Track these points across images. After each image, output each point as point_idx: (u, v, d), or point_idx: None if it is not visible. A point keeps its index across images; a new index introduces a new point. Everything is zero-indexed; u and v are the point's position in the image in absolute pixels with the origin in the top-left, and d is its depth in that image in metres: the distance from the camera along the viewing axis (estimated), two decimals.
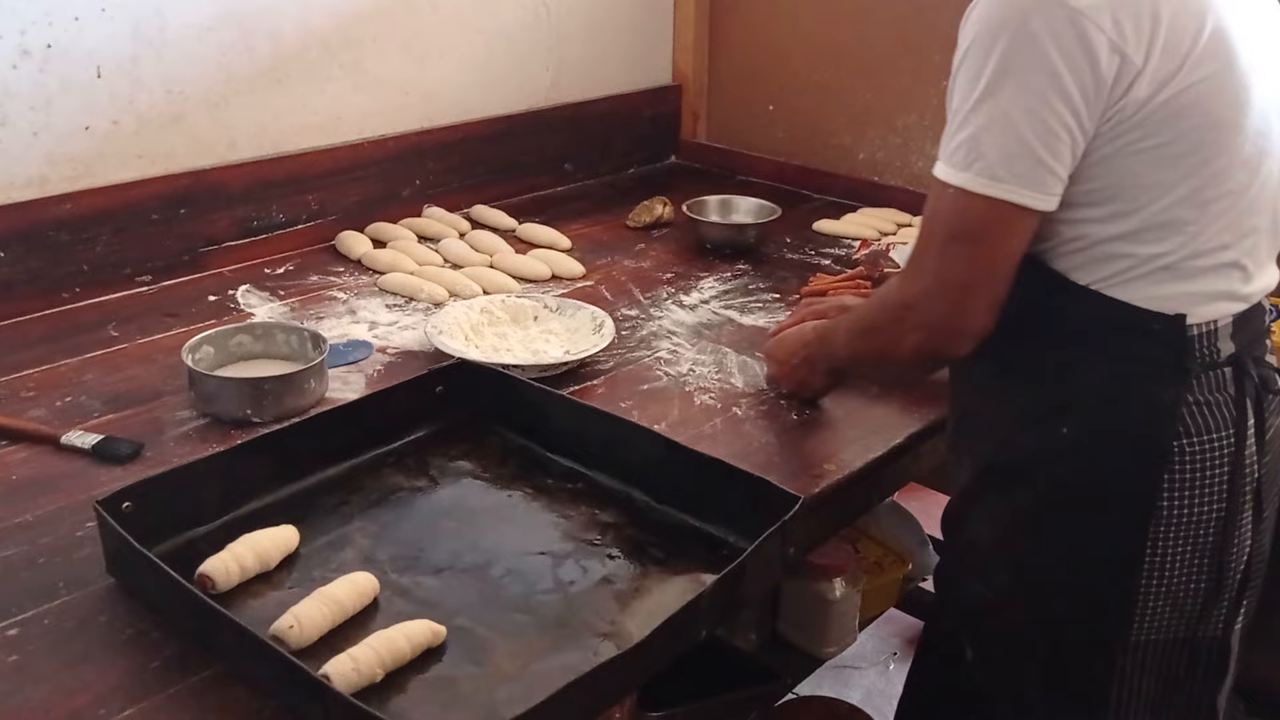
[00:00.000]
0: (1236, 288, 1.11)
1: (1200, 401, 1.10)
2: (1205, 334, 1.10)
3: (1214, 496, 1.12)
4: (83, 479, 1.22)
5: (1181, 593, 1.15)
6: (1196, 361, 1.10)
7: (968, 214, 1.07)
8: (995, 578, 1.22)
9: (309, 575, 1.07)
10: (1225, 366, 1.11)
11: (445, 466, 1.27)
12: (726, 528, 1.14)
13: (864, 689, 2.26)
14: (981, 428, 1.24)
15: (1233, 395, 1.12)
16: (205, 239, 1.80)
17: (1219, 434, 1.11)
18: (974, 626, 1.26)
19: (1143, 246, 1.08)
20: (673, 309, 1.73)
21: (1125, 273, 1.09)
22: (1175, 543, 1.13)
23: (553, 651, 0.98)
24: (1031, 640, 1.21)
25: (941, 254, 1.10)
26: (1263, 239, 1.14)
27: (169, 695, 0.92)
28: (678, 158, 2.58)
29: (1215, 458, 1.12)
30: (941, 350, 1.15)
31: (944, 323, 1.11)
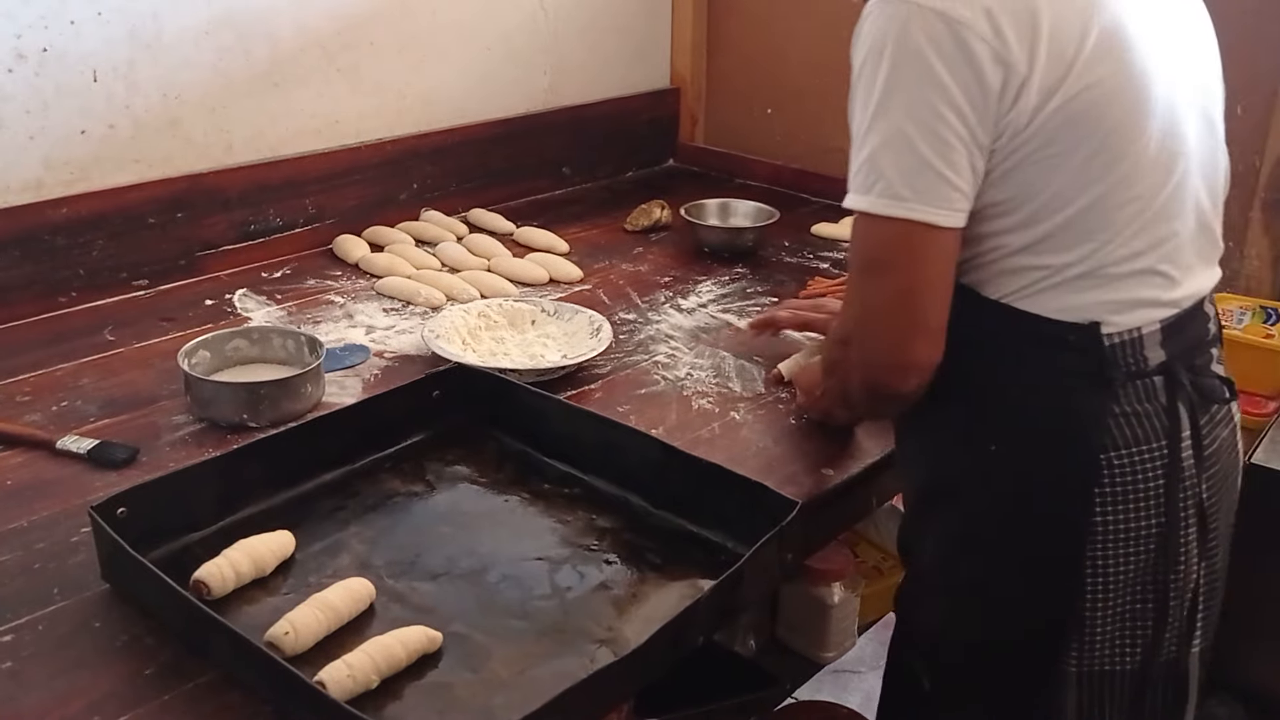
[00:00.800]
0: (1158, 294, 1.07)
1: (1127, 413, 1.06)
2: (1128, 342, 1.06)
3: (1150, 511, 1.08)
4: (78, 484, 1.22)
5: (1128, 616, 1.11)
6: (1120, 371, 1.06)
7: (877, 240, 1.04)
8: (940, 604, 1.19)
9: (305, 581, 1.07)
10: (1155, 375, 1.07)
11: (442, 471, 1.26)
12: (724, 533, 1.14)
13: (863, 693, 2.25)
14: (916, 449, 1.21)
15: (1164, 405, 1.07)
16: (202, 243, 1.80)
17: (1150, 445, 1.07)
18: (927, 656, 1.23)
19: (1051, 256, 1.05)
20: (670, 313, 1.72)
21: (1035, 284, 1.06)
22: (1115, 561, 1.09)
23: (549, 658, 0.98)
24: (980, 670, 1.17)
25: (862, 286, 1.08)
26: (1185, 243, 1.09)
27: (163, 702, 0.92)
28: (676, 161, 2.58)
29: (1148, 470, 1.07)
30: (887, 386, 1.08)
31: (881, 358, 1.07)
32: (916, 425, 1.20)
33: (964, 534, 1.15)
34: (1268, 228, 1.82)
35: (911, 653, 1.27)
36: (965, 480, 1.14)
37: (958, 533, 1.16)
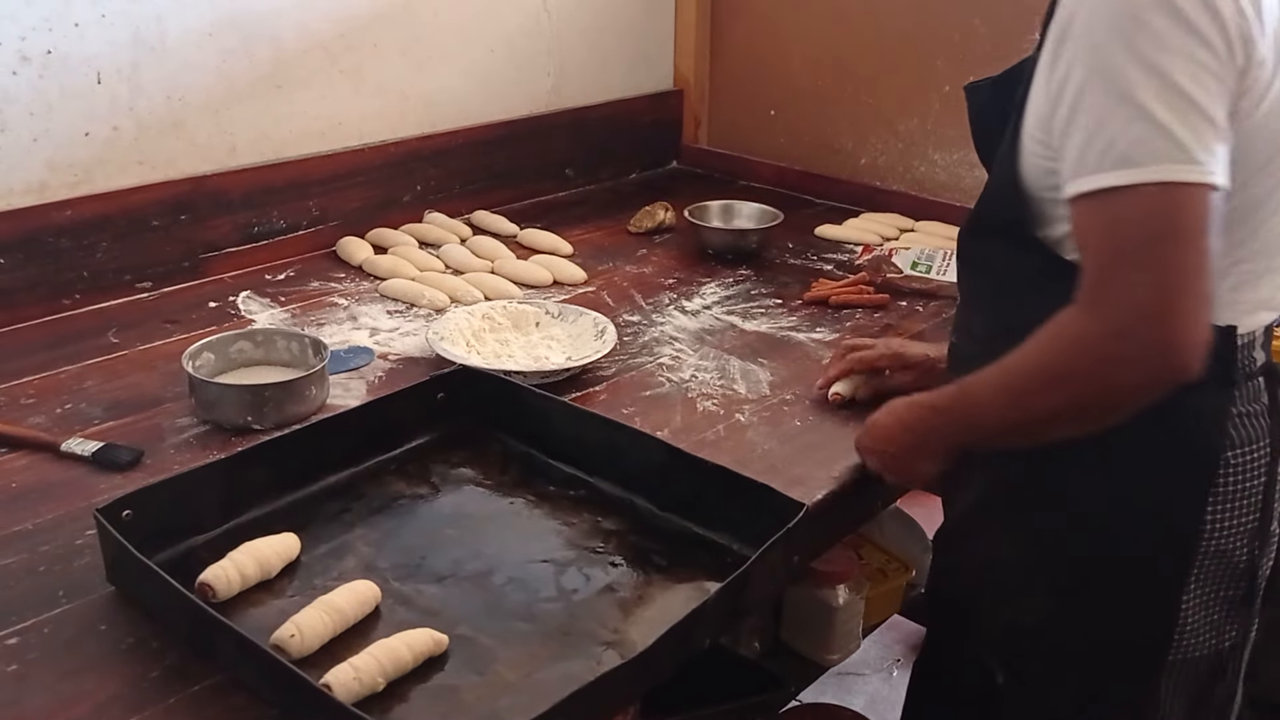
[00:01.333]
0: (1276, 295, 1.07)
1: (1243, 413, 1.07)
2: (1247, 344, 1.07)
3: (1250, 508, 1.09)
4: (83, 486, 1.21)
5: (1215, 607, 1.13)
6: (1240, 372, 1.06)
7: (1163, 207, 0.93)
8: (1029, 601, 1.17)
9: (310, 583, 1.06)
10: (1260, 376, 1.08)
11: (447, 474, 1.26)
12: (730, 535, 1.13)
13: (867, 696, 2.25)
14: (1004, 450, 1.14)
15: (1267, 405, 1.09)
16: (206, 245, 1.80)
17: (1258, 444, 1.08)
18: (1007, 651, 1.20)
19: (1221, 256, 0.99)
20: (675, 315, 1.72)
21: None
22: (1215, 557, 1.10)
23: (555, 660, 0.98)
24: (1069, 664, 1.17)
25: (1153, 264, 0.94)
26: None
27: (169, 705, 0.92)
28: (679, 163, 2.58)
29: (1255, 469, 1.09)
30: (1175, 374, 0.95)
31: (1175, 340, 0.94)
32: None
33: (1068, 532, 1.13)
34: None
35: (984, 648, 1.23)
36: (1072, 478, 1.11)
37: (1061, 530, 1.13)
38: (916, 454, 1.18)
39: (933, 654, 1.36)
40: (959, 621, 1.27)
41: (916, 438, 1.17)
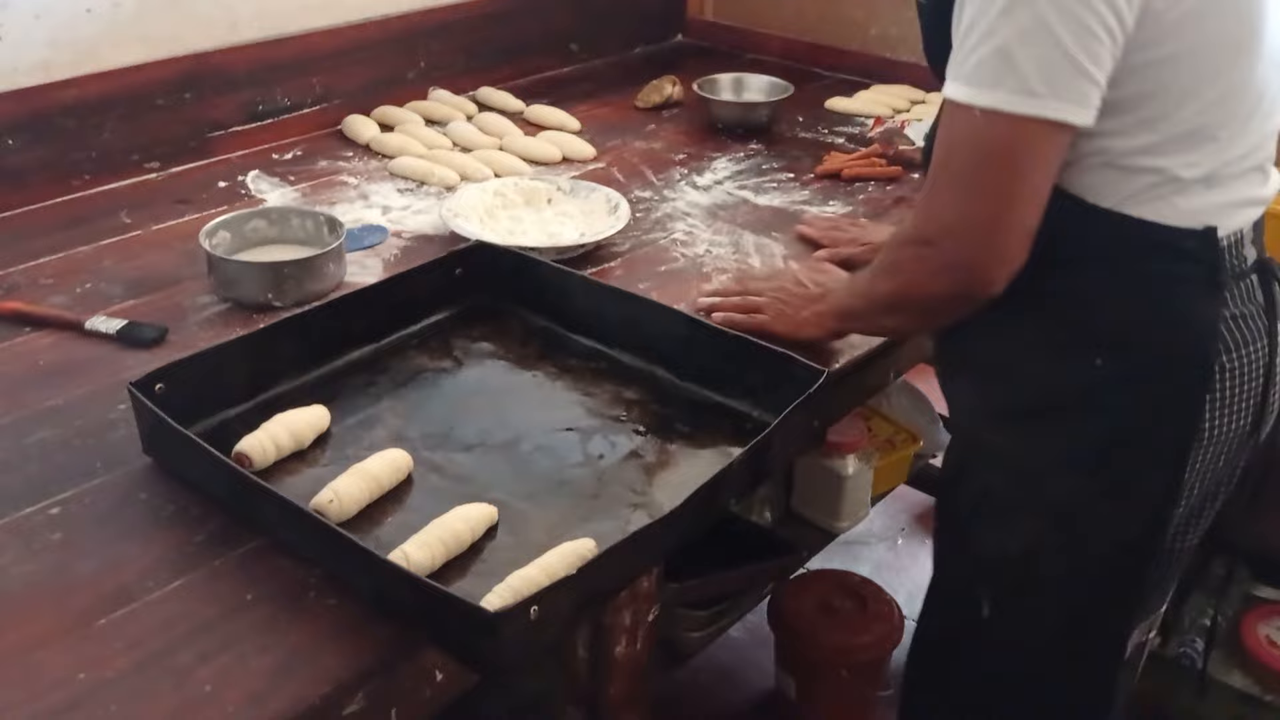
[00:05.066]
0: (1258, 191, 1.06)
1: (1236, 315, 1.05)
2: (1233, 244, 1.04)
3: (1246, 409, 1.08)
4: (110, 363, 1.23)
5: (1208, 505, 1.15)
6: (1229, 274, 1.03)
7: (997, 138, 0.97)
8: (1022, 528, 1.15)
9: (343, 453, 1.09)
10: (1252, 274, 1.06)
11: (468, 348, 1.28)
12: (750, 403, 1.16)
13: (873, 563, 2.31)
14: (991, 374, 1.15)
15: (1262, 304, 1.07)
16: (212, 124, 1.78)
17: (1254, 345, 1.07)
18: (993, 579, 1.19)
19: (1173, 158, 1.00)
20: (686, 190, 1.72)
21: (1150, 189, 1.01)
22: (1210, 462, 1.10)
23: (585, 522, 1.01)
24: (1059, 588, 1.16)
25: (967, 185, 1.00)
26: (1273, 139, 1.08)
27: (214, 568, 0.95)
28: (685, 36, 2.53)
29: (1252, 371, 1.07)
30: (972, 291, 1.03)
31: (974, 260, 1.01)
32: (990, 342, 1.13)
33: (1063, 454, 1.10)
34: None
35: (970, 575, 1.23)
36: (1065, 399, 1.09)
37: (1055, 452, 1.10)
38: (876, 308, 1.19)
39: (936, 573, 1.33)
40: (959, 542, 1.26)
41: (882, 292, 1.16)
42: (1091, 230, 1.04)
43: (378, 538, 0.98)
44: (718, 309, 1.31)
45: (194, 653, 0.86)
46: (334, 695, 0.83)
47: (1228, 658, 1.67)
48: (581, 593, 0.86)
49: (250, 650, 0.86)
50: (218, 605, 0.91)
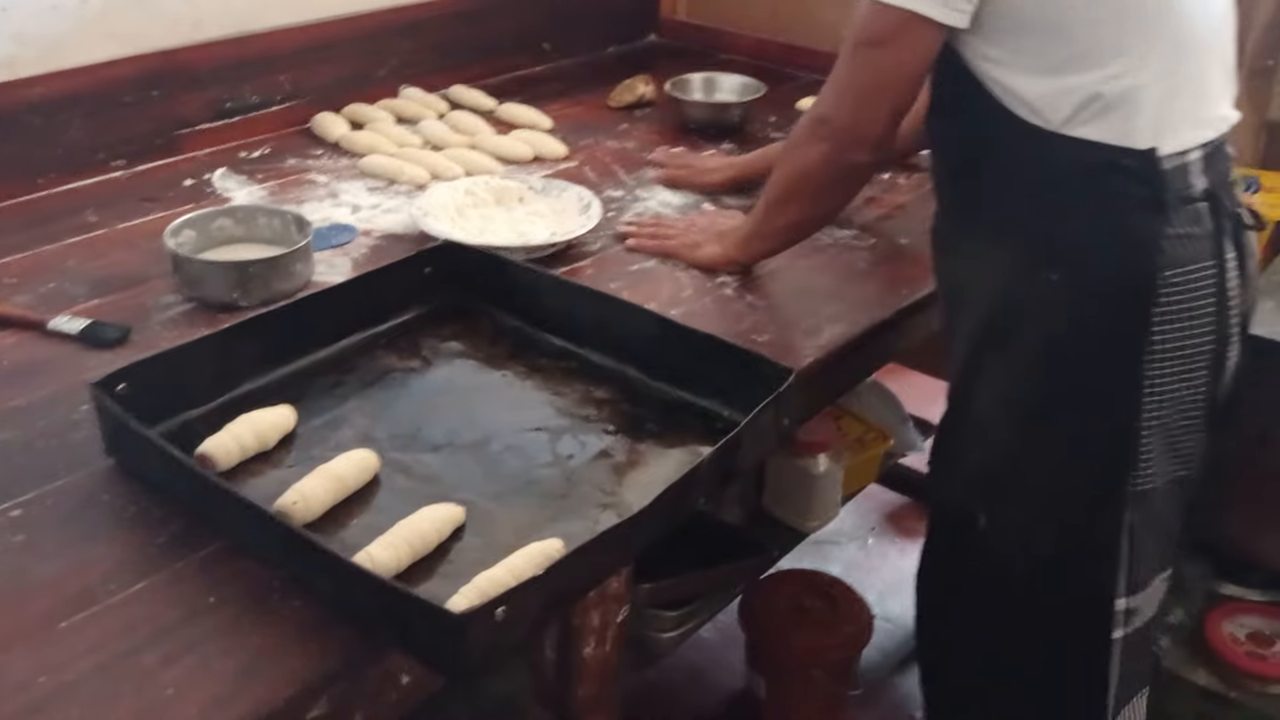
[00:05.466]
0: (1198, 109, 1.15)
1: (1180, 234, 1.13)
2: (1178, 168, 1.12)
3: (1202, 330, 1.15)
4: (72, 363, 1.22)
5: (1178, 432, 1.19)
6: (1172, 195, 1.12)
7: (876, 23, 1.14)
8: (1000, 438, 1.24)
9: (308, 454, 1.08)
10: (1200, 202, 1.14)
11: (437, 347, 1.27)
12: (720, 402, 1.16)
13: (844, 562, 2.32)
14: (971, 297, 1.25)
15: (1210, 229, 1.14)
16: (178, 121, 1.76)
17: (1200, 264, 1.14)
18: (983, 492, 1.28)
19: (1090, 72, 1.10)
20: (658, 190, 1.71)
21: (1084, 108, 1.11)
22: (1170, 379, 1.16)
23: (554, 522, 1.00)
24: (1040, 497, 1.24)
25: (850, 62, 1.19)
26: (1215, 65, 1.17)
27: (177, 569, 0.94)
28: (657, 36, 2.52)
29: (1200, 290, 1.14)
30: (845, 158, 1.23)
31: (848, 127, 1.21)
32: (969, 272, 1.25)
33: (1027, 366, 1.20)
34: (1252, 97, 1.82)
35: (962, 494, 1.31)
36: (1026, 314, 1.19)
37: (1021, 366, 1.20)
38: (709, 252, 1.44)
39: (934, 512, 1.43)
40: (948, 467, 1.34)
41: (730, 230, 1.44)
42: (1042, 152, 1.14)
43: (343, 540, 0.97)
44: (630, 235, 1.52)
45: (157, 655, 0.85)
46: (298, 698, 0.83)
47: (1192, 655, 1.69)
48: (549, 593, 0.85)
49: (213, 653, 0.86)
50: (180, 608, 0.90)
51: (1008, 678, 1.33)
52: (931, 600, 1.44)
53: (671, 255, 1.48)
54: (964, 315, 1.27)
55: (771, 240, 1.40)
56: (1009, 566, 1.27)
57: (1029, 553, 1.26)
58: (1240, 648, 1.64)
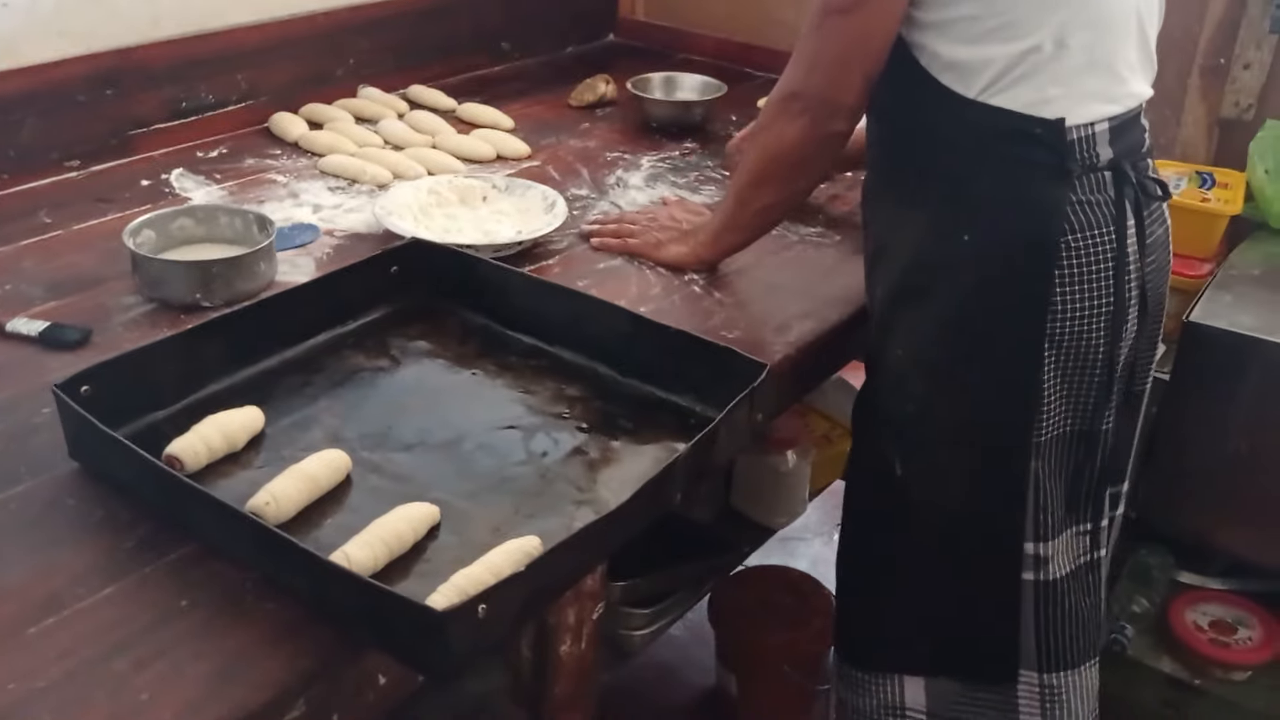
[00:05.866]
0: (1109, 88, 1.19)
1: (1082, 201, 1.18)
2: (1084, 139, 1.17)
3: (1101, 292, 1.20)
4: (32, 366, 1.19)
5: (1079, 387, 1.24)
6: (1077, 163, 1.17)
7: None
8: (914, 390, 1.29)
9: (278, 455, 1.06)
10: (1104, 170, 1.19)
11: (405, 346, 1.26)
12: (693, 398, 1.15)
13: (810, 558, 2.33)
14: (892, 254, 1.30)
15: (1112, 197, 1.20)
16: (133, 121, 1.73)
17: (1100, 230, 1.19)
18: (899, 441, 1.32)
19: (1010, 44, 1.14)
20: (622, 188, 1.71)
21: (1003, 76, 1.15)
22: (1070, 337, 1.21)
23: (530, 520, 0.99)
24: (952, 447, 1.29)
25: (818, 32, 1.20)
26: (1130, 44, 1.20)
27: (146, 573, 0.92)
28: (616, 36, 2.52)
29: (1099, 254, 1.19)
30: (823, 128, 1.24)
31: (823, 98, 1.22)
32: (889, 232, 1.30)
33: (939, 321, 1.25)
34: (1205, 94, 1.85)
35: (881, 442, 1.34)
36: (940, 273, 1.23)
37: (933, 321, 1.25)
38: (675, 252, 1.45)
39: (853, 454, 1.47)
40: (868, 418, 1.39)
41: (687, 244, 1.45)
42: (961, 118, 1.18)
43: (317, 539, 0.95)
44: (595, 234, 1.52)
45: (129, 660, 0.83)
46: (275, 701, 0.81)
47: (1156, 644, 1.72)
48: (530, 590, 0.84)
49: (187, 656, 0.84)
50: (152, 611, 0.88)
51: (922, 615, 1.36)
52: (851, 547, 1.47)
53: (636, 254, 1.48)
54: (883, 272, 1.31)
55: (744, 231, 1.40)
56: (923, 511, 1.32)
57: (941, 498, 1.30)
58: (1204, 635, 1.67)
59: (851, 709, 1.45)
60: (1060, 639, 1.33)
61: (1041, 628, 1.32)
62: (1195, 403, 1.56)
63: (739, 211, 1.38)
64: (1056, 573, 1.31)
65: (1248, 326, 1.50)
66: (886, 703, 1.40)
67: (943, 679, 1.37)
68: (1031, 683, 1.34)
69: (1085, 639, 1.35)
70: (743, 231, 1.41)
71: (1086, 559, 1.35)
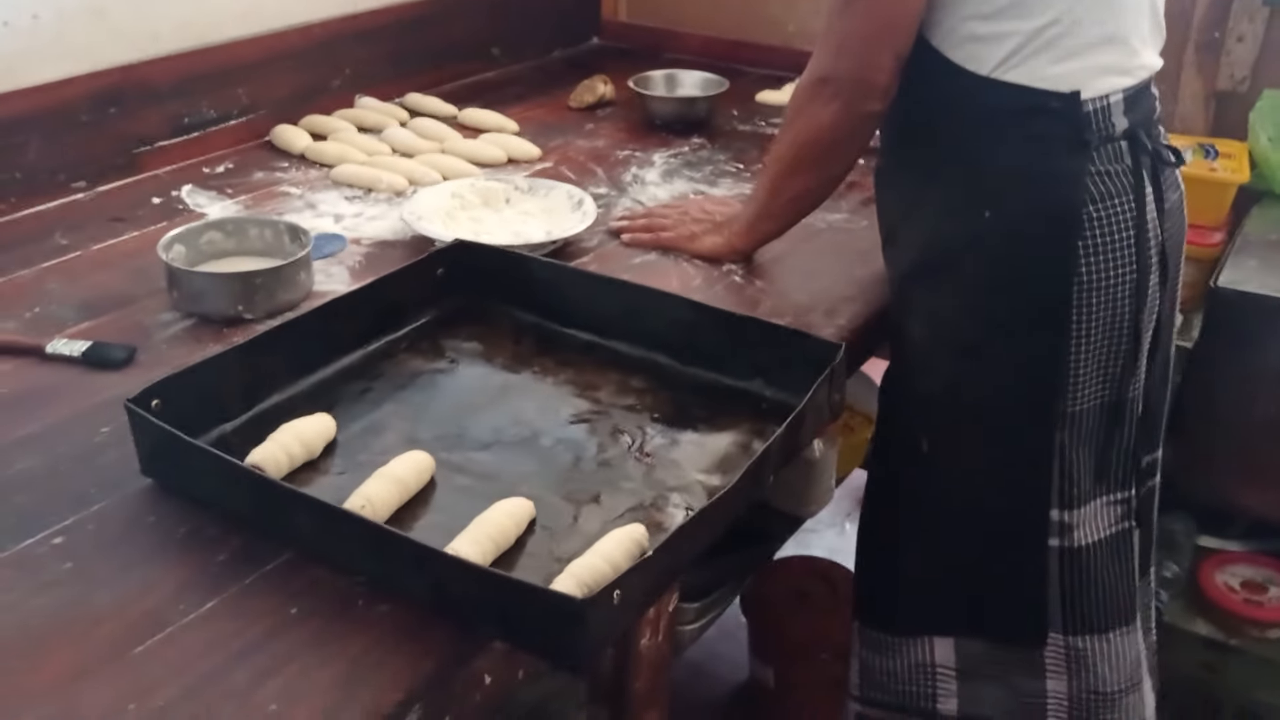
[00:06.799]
0: (1122, 61, 1.20)
1: (1101, 171, 1.19)
2: (1100, 109, 1.19)
3: (1124, 260, 1.22)
4: (80, 386, 1.16)
5: (1107, 358, 1.25)
6: (1094, 134, 1.19)
7: None
8: (940, 368, 1.30)
9: (355, 460, 1.05)
10: (1121, 140, 1.20)
11: (460, 347, 1.24)
12: (761, 383, 1.15)
13: (824, 549, 2.32)
14: (909, 233, 1.31)
15: (1130, 165, 1.21)
16: (138, 139, 1.70)
17: (1121, 199, 1.20)
18: (926, 417, 1.33)
19: (1025, 20, 1.15)
20: (641, 185, 1.71)
21: (1014, 55, 1.16)
22: (1096, 307, 1.22)
23: (626, 510, 0.99)
24: (978, 420, 1.30)
25: (846, 14, 1.20)
26: (1144, 19, 1.22)
27: (245, 585, 0.89)
28: (600, 39, 2.52)
29: (1120, 222, 1.21)
30: (857, 110, 1.23)
31: (857, 79, 1.21)
32: (907, 210, 1.31)
33: (963, 298, 1.26)
34: (1201, 68, 1.89)
35: (907, 419, 1.36)
36: (962, 249, 1.24)
37: (957, 298, 1.26)
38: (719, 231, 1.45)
39: (874, 438, 1.48)
40: (888, 400, 1.41)
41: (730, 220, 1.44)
42: (975, 96, 1.20)
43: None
44: (625, 230, 1.52)
45: (249, 673, 0.81)
46: (406, 701, 0.80)
47: (1187, 607, 1.74)
48: (654, 576, 0.84)
49: (309, 664, 0.82)
50: (262, 622, 0.86)
51: (952, 579, 1.37)
52: (876, 516, 1.48)
53: (670, 247, 1.48)
54: (900, 249, 1.33)
55: (779, 219, 1.40)
56: (950, 483, 1.33)
57: (969, 471, 1.32)
58: (1236, 595, 1.70)
59: (882, 671, 1.46)
60: (1086, 603, 1.35)
61: (1067, 593, 1.34)
62: (1222, 367, 1.59)
63: (772, 200, 1.39)
64: (1083, 540, 1.33)
65: (1276, 289, 1.53)
66: (917, 662, 1.42)
67: (972, 639, 1.39)
68: (1058, 644, 1.36)
69: (1114, 605, 1.37)
70: (777, 220, 1.41)
71: (1118, 528, 1.36)
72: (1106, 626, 1.37)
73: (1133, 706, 1.40)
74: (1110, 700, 1.38)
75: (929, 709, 1.44)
